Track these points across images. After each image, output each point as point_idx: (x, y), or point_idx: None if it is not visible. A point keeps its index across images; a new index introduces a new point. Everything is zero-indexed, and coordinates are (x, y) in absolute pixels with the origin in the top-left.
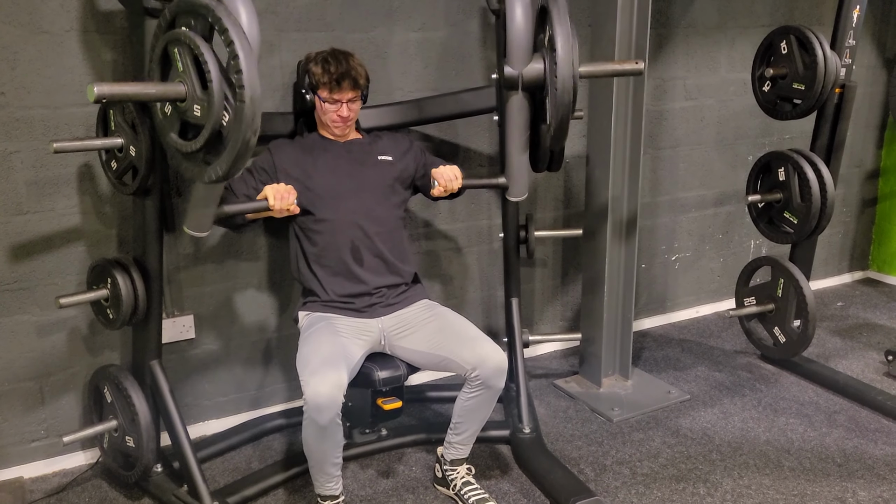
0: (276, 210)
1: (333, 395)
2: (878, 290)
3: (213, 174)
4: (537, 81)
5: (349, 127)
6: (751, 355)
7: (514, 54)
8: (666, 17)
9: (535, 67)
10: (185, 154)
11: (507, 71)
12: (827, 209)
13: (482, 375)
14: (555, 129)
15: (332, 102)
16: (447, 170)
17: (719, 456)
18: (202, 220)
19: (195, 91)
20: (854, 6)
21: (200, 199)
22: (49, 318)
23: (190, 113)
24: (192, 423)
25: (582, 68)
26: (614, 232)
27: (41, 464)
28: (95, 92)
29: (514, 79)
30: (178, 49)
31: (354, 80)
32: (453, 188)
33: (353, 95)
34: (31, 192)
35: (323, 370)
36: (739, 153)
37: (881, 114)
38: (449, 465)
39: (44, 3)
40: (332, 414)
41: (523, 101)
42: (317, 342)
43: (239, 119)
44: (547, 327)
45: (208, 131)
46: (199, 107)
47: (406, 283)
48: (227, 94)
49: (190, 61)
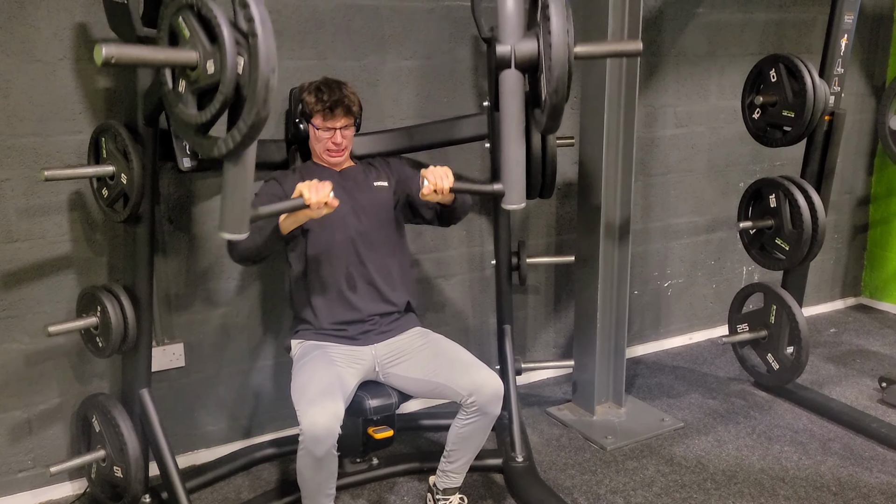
0: (313, 205)
1: (331, 426)
2: (870, 317)
3: (238, 133)
4: (530, 59)
5: (344, 155)
6: (744, 382)
7: (507, 30)
8: (656, 45)
9: (528, 44)
10: (199, 126)
11: (498, 49)
12: (818, 236)
13: (478, 402)
14: (549, 108)
15: (326, 130)
16: (438, 168)
17: (714, 485)
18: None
19: (206, 50)
20: (842, 35)
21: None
22: (38, 347)
23: (203, 76)
24: (182, 452)
25: (578, 48)
26: (607, 258)
27: (28, 495)
28: (104, 53)
29: (506, 55)
30: (183, 16)
31: (347, 108)
32: (443, 187)
33: (346, 123)
34: (22, 219)
35: (320, 400)
36: (730, 180)
37: (871, 141)
38: (442, 494)
39: (37, 31)
40: (329, 445)
41: (519, 77)
42: (312, 371)
43: (255, 56)
44: (539, 354)
45: (225, 87)
46: (212, 62)
47: (399, 311)
48: (239, 39)
49: (196, 22)
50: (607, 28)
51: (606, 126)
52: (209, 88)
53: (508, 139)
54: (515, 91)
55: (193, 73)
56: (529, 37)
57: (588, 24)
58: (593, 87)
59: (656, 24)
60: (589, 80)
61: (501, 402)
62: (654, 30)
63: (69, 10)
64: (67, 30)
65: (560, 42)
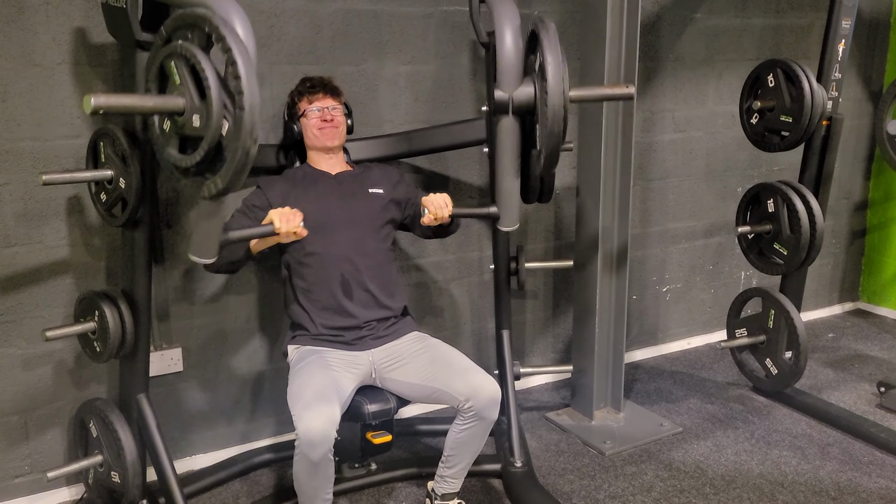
0: (282, 233)
1: (326, 431)
2: (868, 322)
3: (213, 187)
4: (528, 105)
5: (339, 137)
6: (743, 387)
7: (505, 78)
8: (654, 50)
9: (525, 91)
10: (183, 169)
11: (497, 95)
12: (816, 240)
13: (475, 407)
14: (546, 154)
15: (314, 111)
16: (437, 197)
17: (713, 489)
18: (207, 245)
19: (193, 102)
20: (839, 40)
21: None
22: (35, 351)
23: (188, 126)
24: (180, 457)
25: (572, 92)
26: (605, 263)
27: (24, 500)
28: (92, 103)
29: (504, 102)
30: (175, 62)
31: (332, 88)
32: (443, 216)
33: (333, 103)
34: (20, 224)
35: (316, 404)
36: (728, 185)
37: (868, 146)
38: (440, 499)
39: (35, 36)
40: (325, 449)
41: (514, 123)
42: (308, 375)
43: (238, 127)
44: (538, 359)
45: (207, 142)
46: (198, 116)
47: (395, 316)
48: (226, 103)
49: (187, 72)
50: (605, 34)
51: (605, 131)
52: (193, 137)
53: (504, 175)
54: (511, 135)
55: (180, 119)
56: (527, 83)
57: (586, 28)
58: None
59: (654, 29)
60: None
61: (498, 407)
62: (652, 35)
63: (68, 14)
64: (66, 34)
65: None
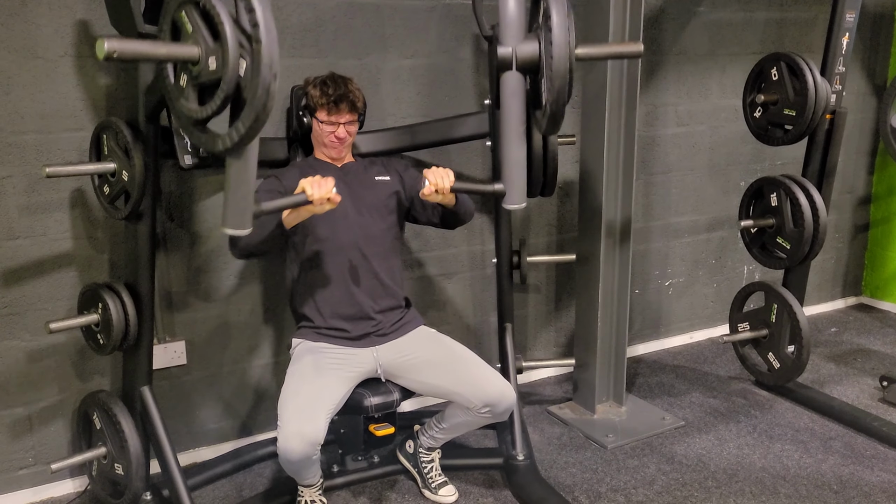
0: (316, 201)
1: (305, 452)
2: (871, 316)
3: (236, 133)
4: (531, 61)
5: (346, 149)
6: (745, 381)
7: (508, 31)
8: (657, 44)
9: (529, 45)
10: (200, 121)
11: (500, 50)
12: (819, 235)
13: (494, 412)
14: (551, 113)
15: (330, 124)
16: (438, 168)
17: (715, 483)
18: (241, 216)
19: (208, 45)
20: (843, 33)
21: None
22: (39, 344)
23: (205, 72)
24: (183, 450)
25: (579, 49)
26: (608, 257)
27: (28, 492)
28: (105, 47)
29: (507, 57)
30: (186, 10)
31: (352, 103)
32: (444, 187)
33: (351, 118)
34: (23, 216)
35: (298, 422)
36: (731, 179)
37: (872, 140)
38: (426, 450)
39: (38, 29)
40: (303, 464)
41: (520, 79)
42: (300, 381)
43: (257, 62)
44: (540, 353)
45: (226, 83)
46: (214, 59)
47: (400, 306)
48: (241, 41)
49: (199, 17)
50: (609, 27)
51: (608, 125)
52: (210, 84)
53: (509, 140)
54: (516, 93)
55: (195, 67)
56: (531, 38)
57: (589, 22)
58: (595, 85)
59: (657, 22)
60: (590, 78)
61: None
62: (655, 28)
63: (70, 7)
64: (69, 27)
65: (561, 44)
